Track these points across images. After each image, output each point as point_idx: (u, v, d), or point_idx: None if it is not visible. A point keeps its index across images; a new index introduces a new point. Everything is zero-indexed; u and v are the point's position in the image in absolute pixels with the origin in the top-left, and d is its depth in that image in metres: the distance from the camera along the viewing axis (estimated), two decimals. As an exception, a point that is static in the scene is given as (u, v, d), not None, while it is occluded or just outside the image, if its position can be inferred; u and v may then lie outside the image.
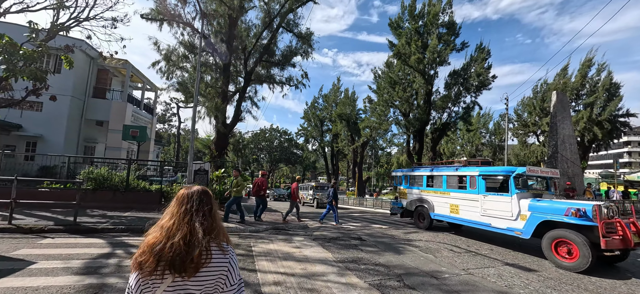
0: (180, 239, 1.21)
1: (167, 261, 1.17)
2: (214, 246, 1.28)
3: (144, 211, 9.33)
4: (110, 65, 21.29)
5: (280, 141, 69.96)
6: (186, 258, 1.19)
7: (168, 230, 1.24)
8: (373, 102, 28.21)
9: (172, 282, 1.19)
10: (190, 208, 1.30)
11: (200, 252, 1.22)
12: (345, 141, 33.54)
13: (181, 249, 1.19)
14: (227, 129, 15.58)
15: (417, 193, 10.33)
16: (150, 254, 1.18)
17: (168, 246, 1.19)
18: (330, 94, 39.64)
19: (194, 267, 1.20)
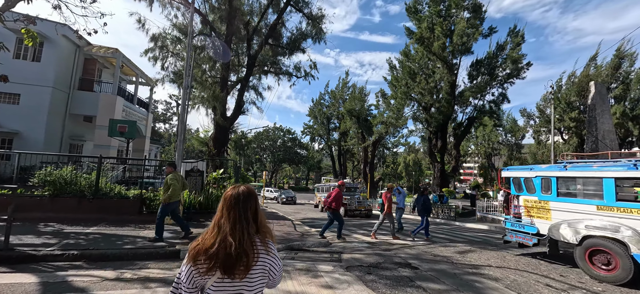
0: (233, 241, 1.25)
1: (219, 261, 1.23)
2: (260, 246, 1.33)
3: (116, 225, 7.15)
4: (98, 53, 19.19)
5: (283, 140, 67.85)
6: (238, 263, 1.25)
7: (222, 230, 1.29)
8: (387, 96, 25.95)
9: (221, 276, 1.25)
10: (239, 209, 1.33)
11: (250, 255, 1.27)
12: (355, 139, 31.26)
13: (233, 252, 1.24)
14: (228, 122, 13.40)
15: (589, 213, 5.68)
16: (206, 254, 1.24)
17: (222, 247, 1.25)
18: (337, 90, 37.40)
19: (244, 269, 1.26)
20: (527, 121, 35.95)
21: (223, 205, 1.35)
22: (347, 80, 37.31)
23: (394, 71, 21.52)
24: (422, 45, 17.69)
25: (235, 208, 1.33)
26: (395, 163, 72.98)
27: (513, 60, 17.24)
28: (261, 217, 1.39)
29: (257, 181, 65.05)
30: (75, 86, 18.67)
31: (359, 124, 29.23)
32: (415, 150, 74.32)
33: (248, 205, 1.35)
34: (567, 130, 30.19)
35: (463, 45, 18.20)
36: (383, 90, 25.94)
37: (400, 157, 74.73)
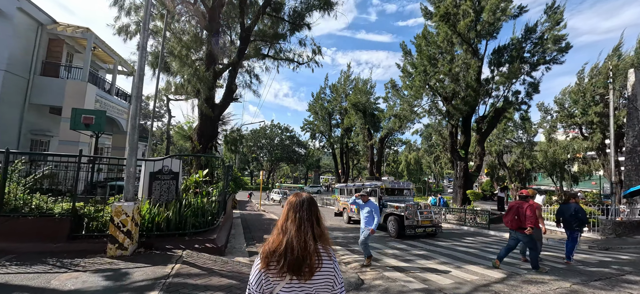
0: (299, 245, 1.33)
1: (287, 264, 1.30)
2: (323, 252, 1.40)
3: (27, 261, 4.44)
4: (65, 33, 16.31)
5: (281, 138, 65.13)
6: (303, 263, 1.31)
7: (288, 235, 1.37)
8: (398, 88, 23.33)
9: (289, 281, 1.32)
10: (303, 216, 1.41)
11: (314, 258, 1.34)
12: (361, 135, 28.64)
13: (299, 255, 1.31)
14: (216, 111, 10.69)
15: None
16: (274, 256, 1.32)
17: (289, 250, 1.32)
18: (339, 84, 34.74)
19: (309, 271, 1.32)
20: (543, 117, 33.58)
21: (288, 209, 1.45)
22: (349, 73, 34.67)
23: (409, 57, 18.87)
24: (447, 22, 15.06)
25: (300, 211, 1.43)
26: (395, 161, 70.67)
27: (555, 40, 14.70)
28: (323, 225, 1.47)
29: (253, 183, 62.31)
30: (37, 71, 15.79)
31: (365, 119, 26.61)
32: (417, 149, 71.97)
33: (312, 211, 1.45)
34: (590, 126, 27.80)
35: (492, 25, 15.66)
36: (393, 80, 23.36)
37: (402, 155, 72.48)
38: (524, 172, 45.46)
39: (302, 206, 1.44)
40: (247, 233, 9.85)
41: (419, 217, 10.18)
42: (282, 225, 1.42)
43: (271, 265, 1.32)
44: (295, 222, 1.40)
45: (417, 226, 10.10)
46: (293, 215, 1.42)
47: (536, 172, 50.69)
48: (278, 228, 1.43)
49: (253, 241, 8.27)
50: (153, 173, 6.50)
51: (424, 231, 10.22)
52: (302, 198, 1.47)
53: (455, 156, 17.24)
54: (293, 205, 1.46)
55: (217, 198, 7.87)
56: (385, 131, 23.89)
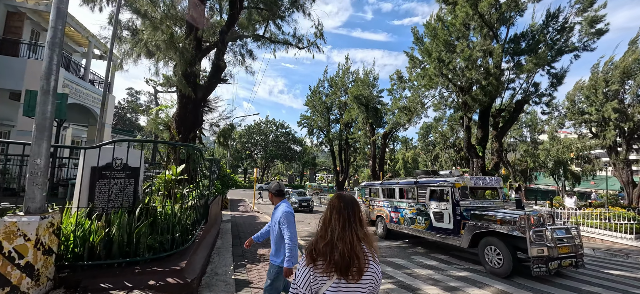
0: (345, 247, 1.33)
1: (335, 264, 1.32)
2: (368, 253, 1.40)
3: None
4: (25, 4, 14.02)
5: (276, 135, 63.03)
6: (351, 265, 1.32)
7: (334, 235, 1.37)
8: (404, 79, 21.50)
9: (338, 282, 1.33)
10: (348, 214, 1.42)
11: (361, 259, 1.35)
12: (363, 130, 26.76)
13: (346, 257, 1.32)
14: (199, 94, 8.65)
15: None
16: (322, 256, 1.35)
17: (336, 252, 1.33)
18: (337, 77, 32.80)
19: (358, 272, 1.33)
20: (550, 113, 32.16)
21: (332, 210, 1.46)
22: (349, 65, 32.73)
23: (420, 44, 17.00)
24: (468, 1, 13.20)
25: (345, 212, 1.43)
26: (392, 159, 69.26)
27: (591, 21, 12.98)
28: (366, 226, 1.47)
29: (247, 180, 60.07)
30: (-8, 49, 13.50)
31: (368, 113, 24.74)
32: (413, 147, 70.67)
33: (356, 211, 1.46)
34: (602, 123, 26.41)
35: (516, 5, 13.91)
36: (400, 71, 21.54)
37: (399, 153, 71.07)
38: (527, 171, 44.37)
39: (347, 206, 1.45)
40: (237, 244, 7.87)
41: (551, 240, 5.61)
42: (325, 225, 1.44)
43: (319, 262, 1.33)
44: (339, 224, 1.39)
45: (552, 258, 5.49)
46: (337, 214, 1.43)
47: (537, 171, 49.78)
48: (324, 223, 1.45)
49: (244, 259, 6.30)
50: (97, 169, 4.47)
51: (559, 265, 5.56)
52: (346, 201, 1.47)
53: (472, 153, 15.48)
54: (336, 205, 1.46)
55: (196, 202, 5.88)
56: (390, 126, 22.05)
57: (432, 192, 8.12)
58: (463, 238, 6.83)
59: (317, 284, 1.32)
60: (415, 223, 8.55)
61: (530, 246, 5.52)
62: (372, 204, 11.07)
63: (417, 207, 8.47)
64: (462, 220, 7.05)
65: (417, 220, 8.47)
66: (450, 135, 49.40)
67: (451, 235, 7.25)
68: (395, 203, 9.59)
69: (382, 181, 11.10)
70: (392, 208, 9.65)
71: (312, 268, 1.33)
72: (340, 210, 1.43)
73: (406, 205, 9.01)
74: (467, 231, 6.79)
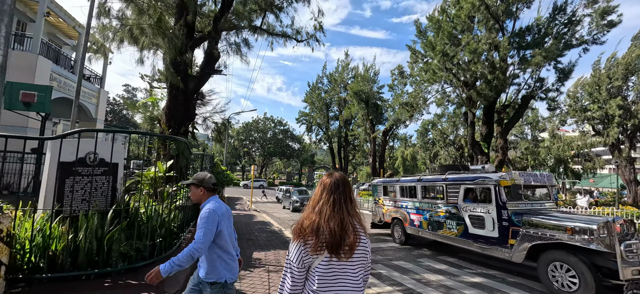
0: (336, 226, 1.32)
1: (326, 243, 1.30)
2: (359, 229, 1.41)
3: None
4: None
5: (274, 132, 62.39)
6: (342, 243, 1.31)
7: (323, 215, 1.35)
8: (406, 74, 20.98)
9: (328, 256, 1.32)
10: (339, 197, 1.39)
11: (352, 236, 1.35)
12: (363, 127, 26.24)
13: (337, 235, 1.31)
14: (191, 85, 8.08)
15: None
16: (312, 234, 1.32)
17: (327, 230, 1.31)
18: (337, 73, 32.23)
19: (350, 250, 1.33)
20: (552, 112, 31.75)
21: (322, 190, 1.42)
22: (348, 61, 32.14)
23: (423, 38, 16.45)
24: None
25: (336, 192, 1.40)
26: (391, 157, 68.95)
27: (603, 12, 12.47)
28: (356, 205, 1.46)
29: (245, 178, 59.51)
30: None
31: (368, 110, 24.21)
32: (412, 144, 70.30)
33: (347, 190, 1.44)
34: (605, 120, 26.02)
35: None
36: (401, 66, 21.00)
37: (398, 151, 70.81)
38: (528, 169, 44.03)
39: (338, 186, 1.42)
40: (231, 247, 7.32)
41: None
42: (314, 205, 1.41)
43: (308, 241, 1.32)
44: (330, 203, 1.37)
45: None
46: (328, 195, 1.40)
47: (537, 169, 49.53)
48: (311, 207, 1.42)
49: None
50: (66, 164, 3.91)
51: None
52: (337, 180, 1.44)
53: (476, 150, 14.99)
54: (327, 186, 1.43)
55: (184, 202, 5.34)
56: (391, 122, 21.53)
57: (467, 191, 6.77)
58: (515, 250, 5.47)
59: (309, 259, 1.32)
60: (443, 228, 7.21)
61: (623, 265, 4.17)
62: (386, 204, 9.54)
63: (447, 209, 7.12)
64: (511, 226, 5.66)
65: (445, 225, 7.13)
66: (450, 133, 48.99)
67: (495, 244, 5.90)
68: (417, 204, 8.19)
69: (399, 177, 10.03)
70: (413, 209, 8.34)
71: (302, 245, 1.32)
72: (332, 190, 1.40)
73: (432, 206, 7.66)
74: (521, 242, 5.38)
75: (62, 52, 17.57)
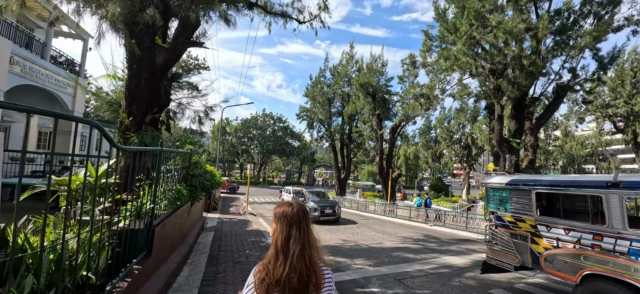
0: (304, 266, 1.19)
1: (293, 288, 1.16)
2: (323, 266, 1.28)
3: None
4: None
5: (273, 129, 60.40)
6: (309, 284, 1.19)
7: (291, 257, 1.19)
8: (418, 64, 18.98)
9: None
10: (304, 227, 1.25)
11: (319, 275, 1.22)
12: (369, 123, 24.24)
13: (305, 276, 1.18)
14: (160, 58, 6.09)
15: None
16: (278, 286, 1.16)
17: (294, 275, 1.16)
18: (340, 66, 30.20)
19: (314, 289, 1.20)
20: (571, 108, 29.81)
21: (285, 224, 1.24)
22: (352, 53, 30.09)
23: (442, 20, 14.44)
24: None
25: (303, 223, 1.25)
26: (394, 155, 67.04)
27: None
28: (314, 235, 1.31)
29: (242, 177, 57.57)
30: None
31: (375, 104, 22.21)
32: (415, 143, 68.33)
33: (308, 221, 1.28)
34: (633, 117, 24.05)
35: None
36: (413, 54, 18.99)
37: (400, 149, 68.74)
38: (541, 168, 42.17)
39: (301, 218, 1.25)
40: (211, 278, 5.35)
41: None
42: (282, 246, 1.21)
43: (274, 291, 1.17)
44: (300, 239, 1.21)
45: None
46: (295, 231, 1.22)
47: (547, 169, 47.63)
48: (277, 247, 1.22)
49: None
50: None
51: None
52: (299, 208, 1.28)
53: (504, 148, 13.04)
54: (291, 219, 1.24)
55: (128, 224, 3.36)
56: (401, 117, 19.54)
57: None
58: None
59: None
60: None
61: None
62: (556, 237, 4.65)
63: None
64: None
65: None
66: (456, 131, 46.93)
67: None
68: None
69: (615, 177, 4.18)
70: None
71: None
72: (298, 225, 1.23)
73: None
74: None
75: (36, 37, 15.52)
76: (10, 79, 12.35)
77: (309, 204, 14.05)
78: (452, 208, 18.24)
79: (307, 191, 16.26)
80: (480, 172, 60.30)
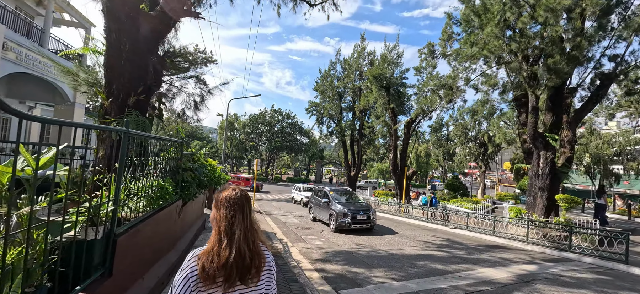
0: (249, 249, 1.18)
1: (231, 271, 1.14)
2: (264, 249, 1.28)
3: None
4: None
5: (282, 125, 59.52)
6: (252, 267, 1.18)
7: (236, 240, 1.18)
8: (435, 53, 17.58)
9: (232, 286, 1.16)
10: (246, 211, 1.25)
11: (261, 259, 1.22)
12: (382, 118, 22.94)
13: (248, 258, 1.17)
14: (145, 27, 5.05)
15: None
16: (224, 270, 1.13)
17: (240, 259, 1.15)
18: (352, 58, 28.92)
19: (257, 273, 1.20)
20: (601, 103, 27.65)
21: (229, 208, 1.23)
22: (364, 45, 28.74)
23: (468, 1, 13.07)
24: None
25: (245, 208, 1.24)
26: (406, 153, 65.12)
27: None
28: (255, 220, 1.30)
29: (250, 172, 56.99)
30: None
31: (389, 97, 20.89)
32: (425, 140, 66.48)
33: (250, 205, 1.29)
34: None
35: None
36: (432, 43, 17.58)
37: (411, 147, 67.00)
38: (563, 169, 39.97)
39: (243, 202, 1.24)
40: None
41: None
42: (225, 229, 1.19)
43: (218, 280, 1.13)
44: (243, 223, 1.21)
45: None
46: (239, 215, 1.21)
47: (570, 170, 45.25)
48: (220, 232, 1.19)
49: None
50: None
51: None
52: (242, 193, 1.27)
53: (538, 144, 11.66)
54: (234, 202, 1.23)
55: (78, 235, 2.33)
56: (418, 111, 18.20)
57: None
58: None
59: None
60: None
61: None
62: None
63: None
64: None
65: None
66: (472, 128, 44.94)
67: None
68: None
69: None
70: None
71: (201, 282, 1.11)
72: (243, 206, 1.23)
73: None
74: None
75: (36, 25, 14.89)
76: (4, 66, 11.65)
77: (335, 207, 11.66)
78: (474, 209, 16.84)
79: (330, 190, 13.26)
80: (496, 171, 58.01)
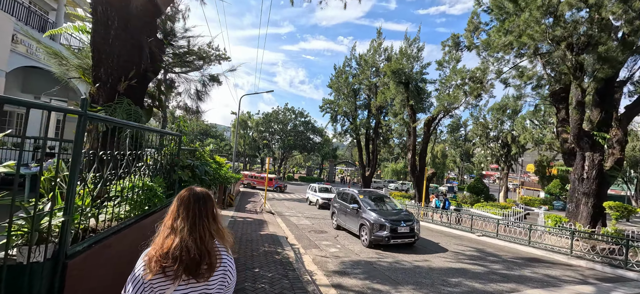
0: (194, 244, 1.19)
1: (184, 265, 1.16)
2: (221, 248, 1.30)
3: None
4: None
5: (294, 124, 58.95)
6: (201, 263, 1.19)
7: (181, 234, 1.21)
8: (460, 45, 16.30)
9: (186, 283, 1.18)
10: (198, 208, 1.27)
11: (213, 256, 1.23)
12: (401, 115, 21.75)
13: (195, 254, 1.18)
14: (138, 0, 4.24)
15: None
16: (168, 259, 1.15)
17: (185, 251, 1.17)
18: (368, 54, 27.81)
19: (209, 270, 1.21)
20: None
21: (178, 205, 1.27)
22: (381, 41, 27.53)
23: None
24: None
25: (195, 206, 1.27)
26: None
27: None
28: (220, 221, 1.33)
29: (263, 170, 56.77)
30: None
31: (408, 93, 19.70)
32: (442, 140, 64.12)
33: (207, 205, 1.30)
34: None
35: None
36: (456, 34, 16.31)
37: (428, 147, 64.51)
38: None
39: (197, 199, 1.28)
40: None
41: None
42: (172, 224, 1.24)
43: (168, 270, 1.15)
44: (188, 219, 1.23)
45: None
46: (184, 211, 1.25)
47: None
48: (167, 226, 1.25)
49: None
50: None
51: None
52: (196, 193, 1.31)
53: (584, 143, 10.32)
54: (184, 201, 1.28)
55: None
56: (439, 107, 16.95)
57: None
58: None
59: (155, 290, 1.14)
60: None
61: None
62: None
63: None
64: None
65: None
66: (494, 127, 42.66)
67: None
68: None
69: None
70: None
71: (158, 276, 1.14)
72: (190, 204, 1.26)
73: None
74: None
75: (49, 20, 14.78)
76: (14, 59, 11.43)
77: (368, 216, 9.30)
78: (503, 215, 15.44)
79: (359, 193, 10.77)
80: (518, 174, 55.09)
